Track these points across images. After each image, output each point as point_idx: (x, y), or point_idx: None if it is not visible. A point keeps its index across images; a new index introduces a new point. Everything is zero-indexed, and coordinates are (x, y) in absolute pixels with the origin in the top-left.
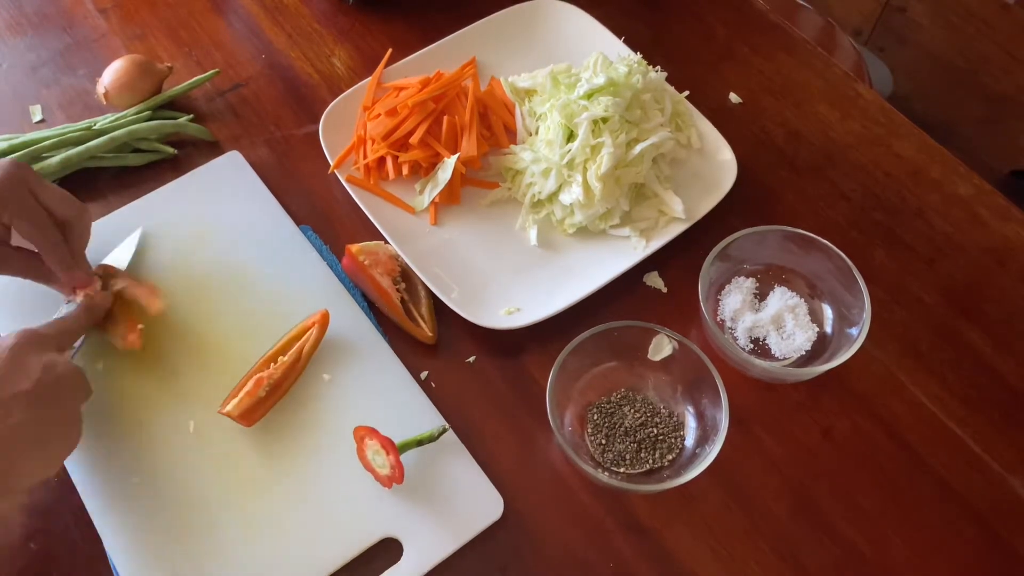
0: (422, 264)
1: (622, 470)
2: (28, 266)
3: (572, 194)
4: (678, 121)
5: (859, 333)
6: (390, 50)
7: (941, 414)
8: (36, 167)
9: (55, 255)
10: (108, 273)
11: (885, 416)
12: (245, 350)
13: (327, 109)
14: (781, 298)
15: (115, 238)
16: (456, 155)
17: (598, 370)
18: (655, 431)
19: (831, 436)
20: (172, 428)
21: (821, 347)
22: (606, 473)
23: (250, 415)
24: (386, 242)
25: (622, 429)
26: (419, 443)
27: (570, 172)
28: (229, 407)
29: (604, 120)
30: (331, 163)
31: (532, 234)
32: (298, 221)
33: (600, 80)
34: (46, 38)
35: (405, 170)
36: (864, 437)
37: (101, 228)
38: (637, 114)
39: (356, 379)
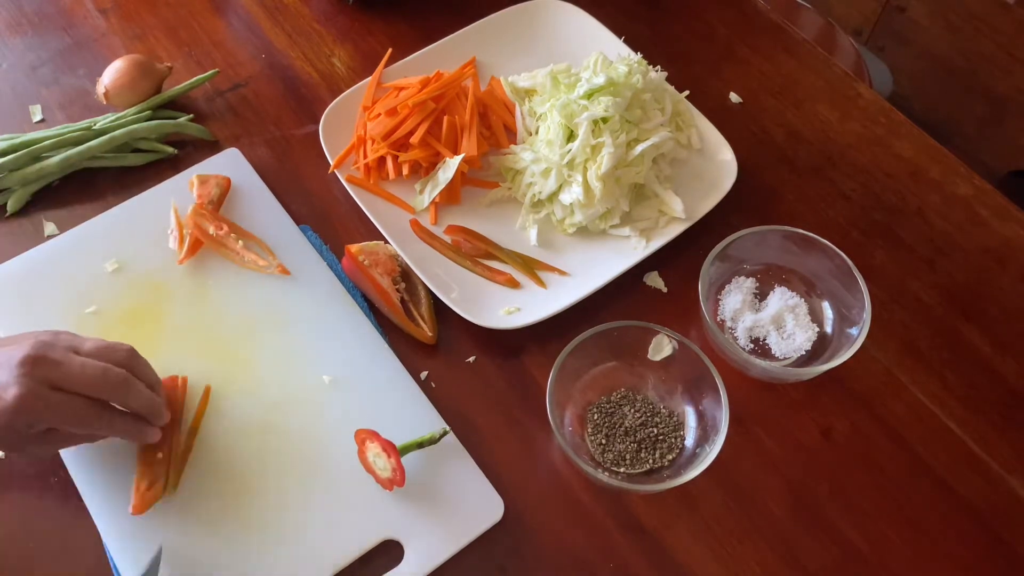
0: (422, 264)
1: (622, 470)
2: (130, 428)
3: (572, 194)
4: (678, 121)
5: (859, 333)
6: (390, 50)
7: (941, 414)
8: (36, 167)
9: (159, 416)
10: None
11: (885, 416)
12: (244, 351)
13: (327, 109)
14: (781, 298)
15: (108, 238)
16: (460, 156)
17: (598, 370)
18: (655, 431)
19: (831, 436)
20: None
21: (821, 347)
22: (606, 473)
23: None
24: (386, 242)
25: (622, 429)
26: (420, 445)
27: (570, 172)
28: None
29: (604, 120)
30: (331, 163)
31: (532, 234)
32: (298, 221)
33: (600, 80)
34: (46, 38)
35: (405, 170)
36: (864, 437)
37: (98, 227)
38: (637, 114)
39: (356, 380)
